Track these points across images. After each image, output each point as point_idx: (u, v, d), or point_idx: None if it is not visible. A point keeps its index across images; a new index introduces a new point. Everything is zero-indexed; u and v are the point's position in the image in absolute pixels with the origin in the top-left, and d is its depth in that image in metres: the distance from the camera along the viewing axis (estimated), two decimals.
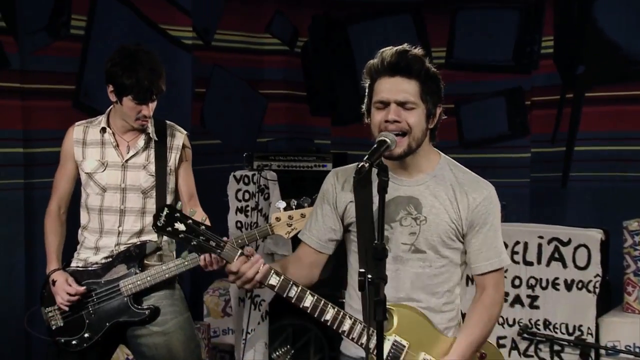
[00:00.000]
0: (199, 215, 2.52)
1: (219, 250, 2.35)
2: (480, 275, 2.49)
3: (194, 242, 2.34)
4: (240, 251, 2.36)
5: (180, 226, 2.34)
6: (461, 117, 5.50)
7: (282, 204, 3.24)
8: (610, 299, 4.14)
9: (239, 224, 4.58)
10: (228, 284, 4.82)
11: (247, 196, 4.57)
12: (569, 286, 4.06)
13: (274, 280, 2.38)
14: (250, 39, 5.63)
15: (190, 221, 2.35)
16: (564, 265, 4.08)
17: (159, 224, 2.35)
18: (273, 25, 5.75)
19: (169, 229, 2.35)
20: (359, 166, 2.22)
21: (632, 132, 4.84)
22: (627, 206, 4.55)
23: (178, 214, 2.35)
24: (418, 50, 2.41)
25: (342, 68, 5.83)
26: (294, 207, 3.26)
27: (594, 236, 4.03)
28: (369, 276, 2.16)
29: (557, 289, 4.08)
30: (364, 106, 2.47)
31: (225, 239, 2.37)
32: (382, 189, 2.21)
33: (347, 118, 5.82)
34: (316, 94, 5.95)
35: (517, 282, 4.19)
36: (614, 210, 4.64)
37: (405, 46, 2.40)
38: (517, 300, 4.17)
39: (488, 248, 2.47)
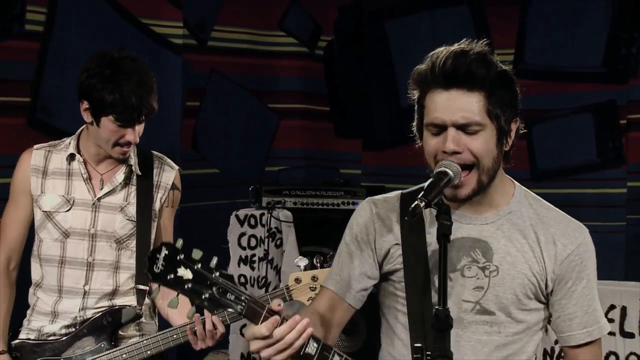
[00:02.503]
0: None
1: (240, 307, 2.16)
2: (574, 347, 2.38)
3: (206, 296, 2.14)
4: (267, 307, 2.18)
5: (185, 273, 2.14)
6: (533, 140, 5.41)
7: (304, 262, 3.14)
8: None
9: (242, 279, 4.52)
10: (226, 358, 4.74)
11: (253, 242, 4.50)
12: None
13: (311, 348, 2.21)
14: (258, 37, 5.59)
15: (199, 266, 2.14)
16: None
17: (155, 270, 2.16)
18: (287, 19, 5.72)
19: (170, 277, 2.15)
20: (414, 206, 2.09)
21: None
22: None
23: (182, 256, 2.15)
24: (481, 47, 2.27)
25: (378, 76, 5.76)
26: (318, 265, 3.15)
27: None
28: (428, 353, 2.07)
29: None
30: (414, 125, 2.37)
31: (247, 293, 2.21)
32: (443, 236, 2.10)
33: (384, 141, 5.78)
34: (343, 110, 5.88)
35: (612, 359, 4.13)
36: None
37: (464, 45, 2.27)
38: None
39: (585, 312, 2.36)
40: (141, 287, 3.22)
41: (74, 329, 3.20)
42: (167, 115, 4.73)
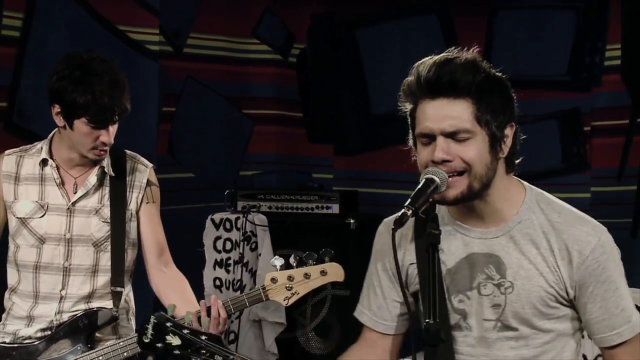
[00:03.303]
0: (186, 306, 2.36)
1: None
2: (609, 349, 2.23)
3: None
4: None
5: (173, 340, 2.22)
6: None
7: (280, 261, 3.02)
8: None
9: (217, 282, 4.40)
10: None
11: (228, 246, 4.40)
12: None
13: None
14: (233, 44, 5.50)
15: (186, 332, 2.21)
16: None
17: (145, 340, 2.24)
18: (261, 27, 5.63)
19: (159, 345, 2.22)
20: (400, 214, 1.99)
21: None
22: None
23: (169, 324, 2.23)
24: (469, 54, 2.16)
25: (349, 83, 5.67)
26: (294, 264, 3.03)
27: None
28: None
29: None
30: (409, 139, 2.25)
31: (236, 354, 2.24)
32: (431, 245, 2.00)
33: (355, 146, 5.69)
34: (315, 116, 5.78)
35: None
36: None
37: (449, 53, 2.16)
38: None
39: (612, 314, 2.20)
40: (117, 289, 3.10)
41: (50, 333, 3.06)
42: (144, 120, 4.63)
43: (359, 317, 2.39)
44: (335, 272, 3.00)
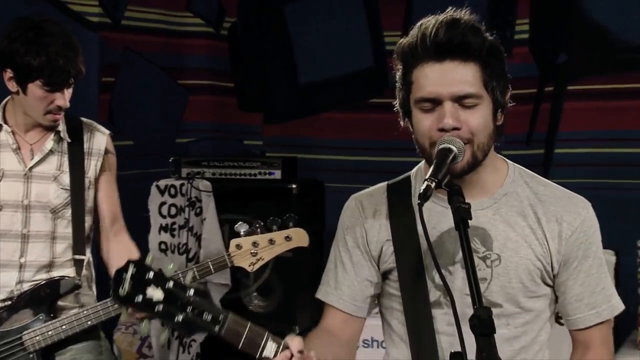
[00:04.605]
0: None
1: (216, 328, 1.74)
2: (582, 330, 1.98)
3: (179, 318, 1.72)
4: (267, 333, 1.77)
5: (155, 293, 1.71)
6: None
7: (244, 227, 2.76)
8: (618, 334, 3.82)
9: (163, 246, 4.11)
10: (134, 337, 4.36)
11: (173, 211, 4.10)
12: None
13: None
14: (168, 17, 5.14)
15: (171, 284, 1.73)
16: None
17: (121, 293, 1.72)
18: (195, 1, 5.27)
19: (139, 299, 1.71)
20: (425, 187, 1.71)
21: (624, 130, 4.58)
22: (623, 219, 4.26)
23: (151, 274, 1.73)
24: (469, 15, 1.90)
25: (277, 55, 5.40)
26: (258, 230, 2.78)
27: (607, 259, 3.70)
28: None
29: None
30: (396, 103, 1.97)
31: (225, 311, 1.78)
32: (462, 221, 1.70)
33: (283, 114, 5.43)
34: (246, 86, 5.50)
35: None
36: (607, 223, 4.36)
37: (454, 13, 1.89)
38: None
39: (593, 291, 1.95)
40: (78, 257, 2.80)
41: (10, 302, 2.77)
42: (85, 90, 4.26)
43: (324, 298, 2.04)
44: (299, 237, 2.77)
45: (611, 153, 4.63)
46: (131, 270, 1.73)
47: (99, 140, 2.89)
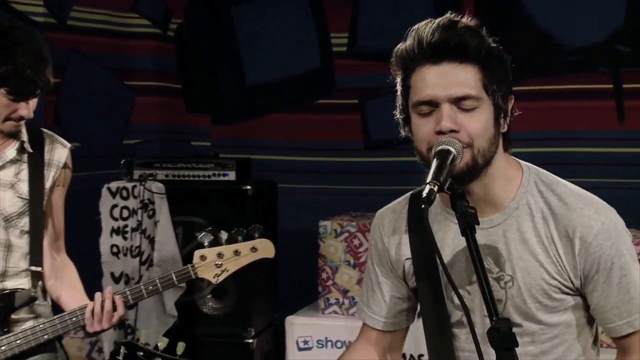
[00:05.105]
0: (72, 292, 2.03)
1: None
2: (619, 339, 1.83)
3: None
4: None
5: None
6: (367, 114, 5.01)
7: (208, 237, 2.57)
8: None
9: (115, 249, 3.87)
10: (84, 342, 4.13)
11: (125, 214, 3.87)
12: None
13: None
14: (115, 18, 4.89)
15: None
16: None
17: None
18: (141, 2, 5.04)
19: None
20: (427, 191, 1.57)
21: (566, 131, 4.52)
22: None
23: (141, 354, 1.92)
24: (469, 20, 1.78)
25: (224, 56, 5.20)
26: (223, 241, 2.59)
27: None
28: None
29: None
30: (397, 112, 1.83)
31: None
32: (469, 226, 1.56)
33: (230, 115, 5.23)
34: (193, 87, 5.28)
35: None
36: None
37: (451, 16, 1.77)
38: None
39: (621, 301, 1.79)
40: (35, 268, 2.56)
41: None
42: None
43: (359, 315, 2.03)
44: (266, 248, 2.60)
45: (554, 152, 4.57)
46: (123, 351, 1.94)
47: (60, 152, 2.69)
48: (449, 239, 1.82)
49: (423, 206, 1.56)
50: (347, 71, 5.01)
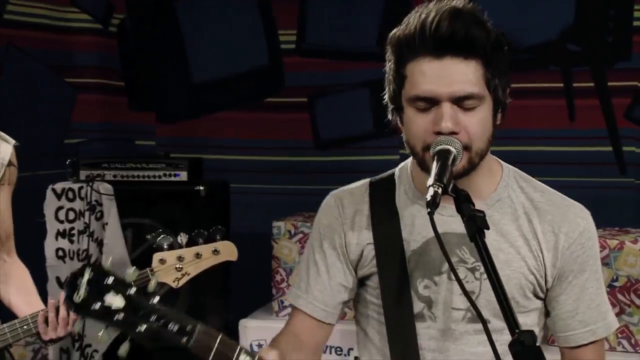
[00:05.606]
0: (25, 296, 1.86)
1: (184, 340, 1.50)
2: (574, 348, 1.76)
3: (142, 328, 1.47)
4: (239, 347, 1.55)
5: (115, 300, 1.46)
6: (316, 112, 4.95)
7: (167, 240, 2.46)
8: None
9: (60, 252, 3.71)
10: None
11: (72, 216, 3.71)
12: None
13: None
14: (54, 12, 4.71)
15: (132, 291, 1.48)
16: None
17: (76, 299, 1.46)
18: None
19: (96, 306, 1.46)
20: (433, 194, 1.48)
21: (520, 129, 4.52)
22: None
23: (111, 279, 1.47)
24: (472, 5, 1.66)
25: (170, 53, 5.07)
26: (183, 244, 2.48)
27: None
28: None
29: None
30: (385, 95, 1.73)
31: (195, 321, 1.53)
32: (479, 231, 1.47)
33: (176, 114, 5.09)
34: (137, 84, 5.13)
35: None
36: None
37: (456, 2, 1.64)
38: None
39: (588, 307, 1.74)
40: None
41: None
42: None
43: (294, 301, 1.85)
44: (228, 250, 2.52)
45: (504, 151, 4.54)
46: (87, 274, 1.48)
47: (4, 149, 2.56)
48: (419, 225, 1.73)
49: (429, 210, 1.47)
50: (295, 69, 4.94)
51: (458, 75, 1.60)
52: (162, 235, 2.48)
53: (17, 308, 2.50)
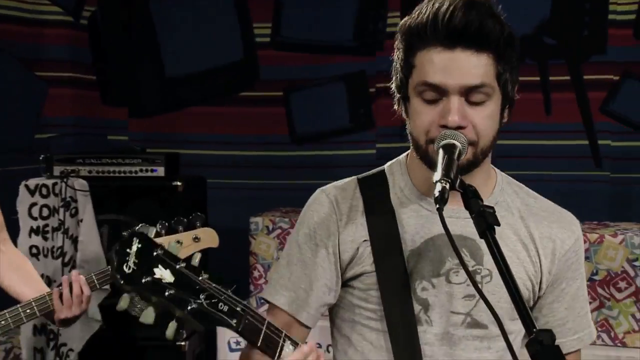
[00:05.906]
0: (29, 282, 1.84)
1: (234, 322, 1.42)
2: None
3: (192, 306, 1.38)
4: (284, 333, 1.50)
5: (165, 274, 1.37)
6: (292, 107, 4.92)
7: (146, 229, 2.40)
8: None
9: (34, 250, 3.63)
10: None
11: (46, 212, 3.63)
12: None
13: None
14: (23, 4, 4.61)
15: (182, 266, 1.39)
16: None
17: (126, 270, 1.35)
18: None
19: (147, 279, 1.36)
20: (441, 189, 1.42)
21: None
22: None
23: (160, 252, 1.38)
24: None
25: (142, 46, 5.00)
26: (163, 232, 2.44)
27: None
28: None
29: None
30: (393, 86, 1.68)
31: (243, 303, 1.45)
32: (489, 228, 1.41)
33: (149, 108, 5.04)
34: (109, 78, 5.04)
35: None
36: None
37: None
38: None
39: (577, 315, 1.74)
40: None
41: None
42: None
43: (274, 300, 1.73)
44: (209, 237, 2.47)
45: None
46: (136, 244, 1.39)
47: None
48: (417, 225, 1.68)
49: (438, 206, 1.42)
50: (270, 62, 4.90)
51: (468, 67, 1.55)
52: (141, 224, 2.43)
53: (20, 293, 2.47)
